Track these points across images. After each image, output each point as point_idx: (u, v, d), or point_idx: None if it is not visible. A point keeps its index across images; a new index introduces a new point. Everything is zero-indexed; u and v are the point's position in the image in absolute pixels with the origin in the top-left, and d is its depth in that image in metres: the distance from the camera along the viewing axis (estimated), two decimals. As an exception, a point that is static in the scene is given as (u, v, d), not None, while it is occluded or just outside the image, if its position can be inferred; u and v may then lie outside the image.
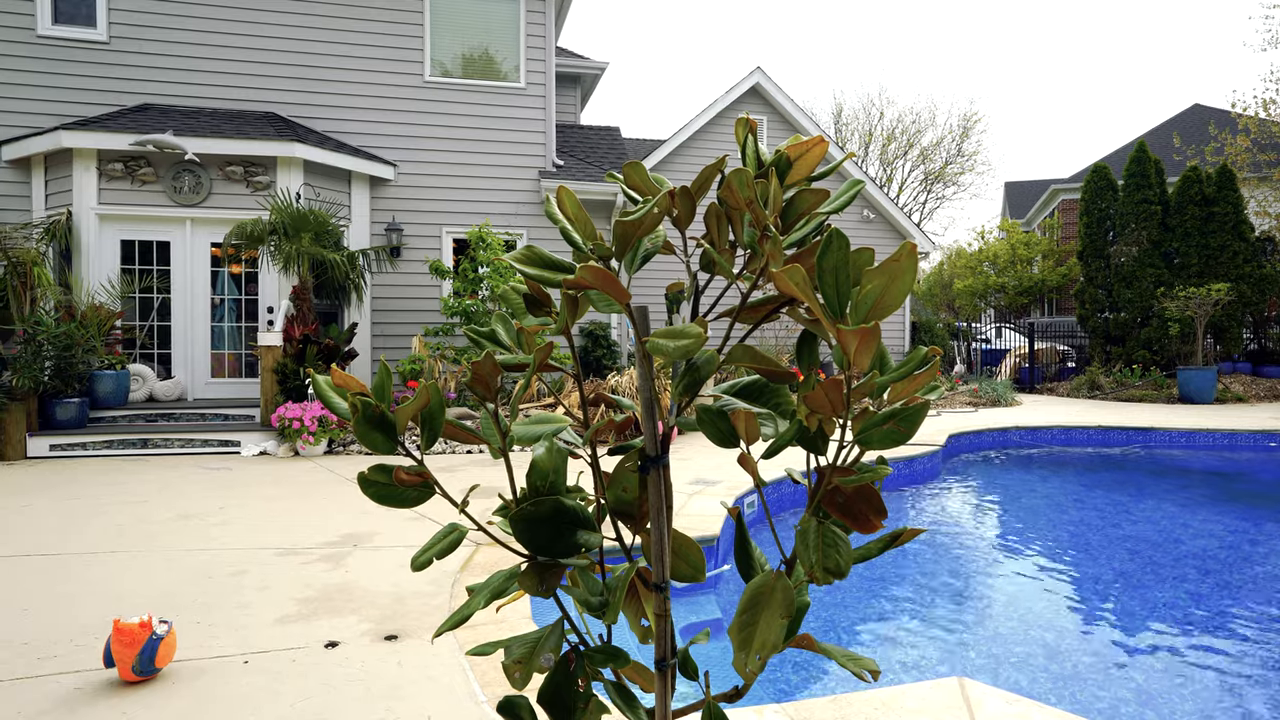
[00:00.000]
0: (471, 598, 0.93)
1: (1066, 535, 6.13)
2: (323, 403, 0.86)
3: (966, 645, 3.83)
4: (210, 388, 10.11)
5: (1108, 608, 4.41)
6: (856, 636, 3.98)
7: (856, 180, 0.92)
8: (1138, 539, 5.84)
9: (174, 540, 4.54)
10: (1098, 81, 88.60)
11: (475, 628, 3.07)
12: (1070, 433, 10.29)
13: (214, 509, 5.43)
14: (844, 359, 0.76)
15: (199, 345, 10.07)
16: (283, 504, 5.63)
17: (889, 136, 36.66)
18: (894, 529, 0.89)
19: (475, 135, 11.69)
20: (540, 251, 0.89)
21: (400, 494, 0.90)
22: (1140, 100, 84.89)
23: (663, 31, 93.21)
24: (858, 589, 4.63)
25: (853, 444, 0.83)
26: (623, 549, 1.00)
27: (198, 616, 3.28)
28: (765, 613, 0.83)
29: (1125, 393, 14.43)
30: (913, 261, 0.74)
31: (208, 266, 10.08)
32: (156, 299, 9.93)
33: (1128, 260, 15.83)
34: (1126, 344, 16.03)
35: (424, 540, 4.40)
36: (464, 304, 9.74)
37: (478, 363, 0.88)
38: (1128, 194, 16.02)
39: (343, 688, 2.62)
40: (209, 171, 9.87)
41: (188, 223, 9.94)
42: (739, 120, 0.94)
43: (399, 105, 11.36)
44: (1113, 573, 5.02)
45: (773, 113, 15.52)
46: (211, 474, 6.97)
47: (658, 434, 0.94)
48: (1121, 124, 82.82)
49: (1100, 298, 16.39)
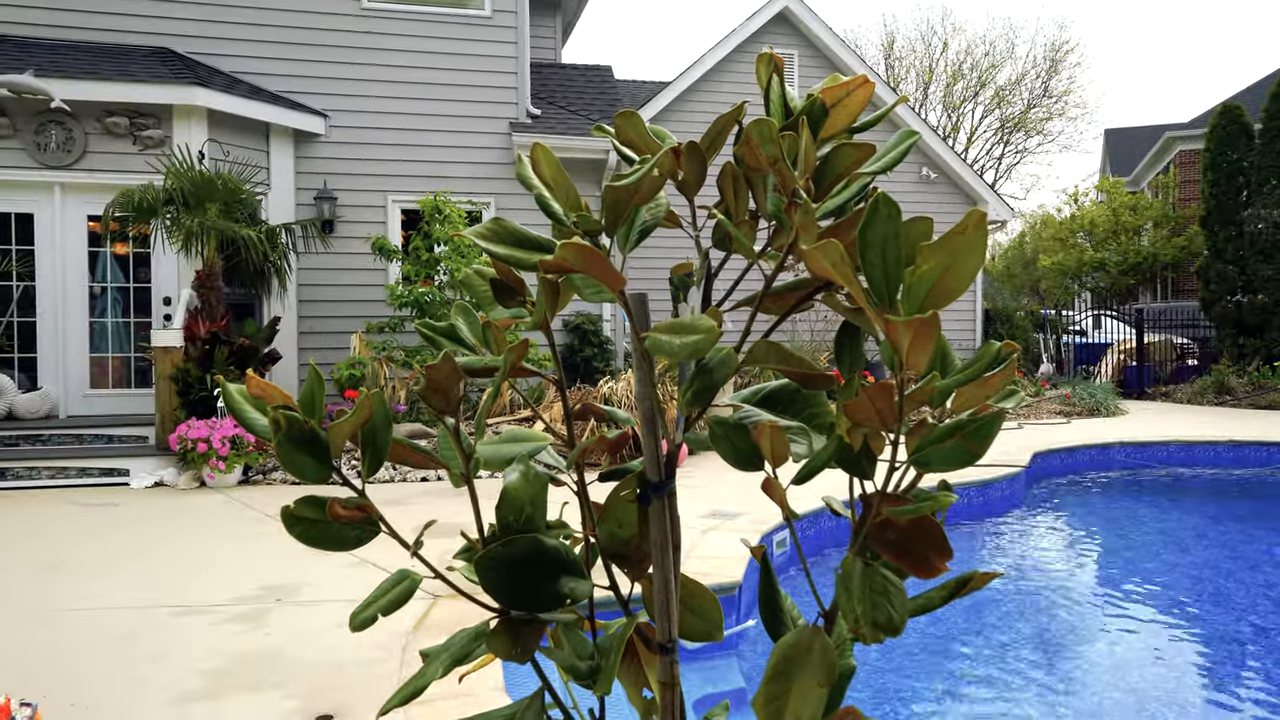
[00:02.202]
0: (427, 665, 0.94)
1: (1189, 582, 6.14)
2: (236, 419, 0.87)
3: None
4: (89, 401, 10.12)
5: (1247, 675, 4.42)
6: (917, 712, 3.99)
7: (910, 130, 0.93)
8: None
9: (41, 598, 4.55)
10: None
11: (433, 702, 3.08)
12: (1192, 450, 10.29)
13: (95, 557, 5.43)
14: (894, 358, 0.77)
15: (74, 347, 10.07)
16: (185, 548, 5.64)
17: (954, 74, 36.71)
18: (962, 573, 0.90)
19: (428, 78, 11.71)
20: (511, 225, 0.90)
21: (335, 533, 0.91)
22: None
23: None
24: (920, 649, 4.63)
25: (907, 465, 0.84)
26: (619, 600, 1.01)
27: (72, 696, 3.28)
28: (799, 680, 0.84)
29: (1264, 398, 14.45)
30: (982, 234, 0.75)
31: (84, 246, 10.08)
32: (16, 287, 9.91)
33: (1267, 227, 15.83)
34: (1266, 335, 16.04)
35: (367, 592, 4.41)
36: (416, 292, 9.76)
37: (433, 366, 0.89)
38: (1267, 142, 16.01)
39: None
40: (84, 124, 9.88)
41: (56, 189, 9.95)
42: (761, 56, 0.95)
43: (330, 39, 11.38)
44: (1251, 629, 5.02)
45: (806, 45, 15.54)
46: (91, 511, 6.98)
47: (661, 454, 0.95)
48: (1258, 52, 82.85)
49: (1230, 276, 16.40)
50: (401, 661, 3.59)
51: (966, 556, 6.61)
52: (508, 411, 10.48)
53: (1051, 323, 19.99)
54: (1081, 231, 23.68)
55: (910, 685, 4.28)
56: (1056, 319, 20.23)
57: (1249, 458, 10.21)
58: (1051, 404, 13.80)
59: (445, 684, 3.18)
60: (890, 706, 4.03)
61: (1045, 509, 8.29)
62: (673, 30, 79.72)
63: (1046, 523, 7.84)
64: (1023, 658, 4.64)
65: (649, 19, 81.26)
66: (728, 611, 4.37)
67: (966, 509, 7.60)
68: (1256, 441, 10.33)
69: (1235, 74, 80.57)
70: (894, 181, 15.46)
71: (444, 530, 1.92)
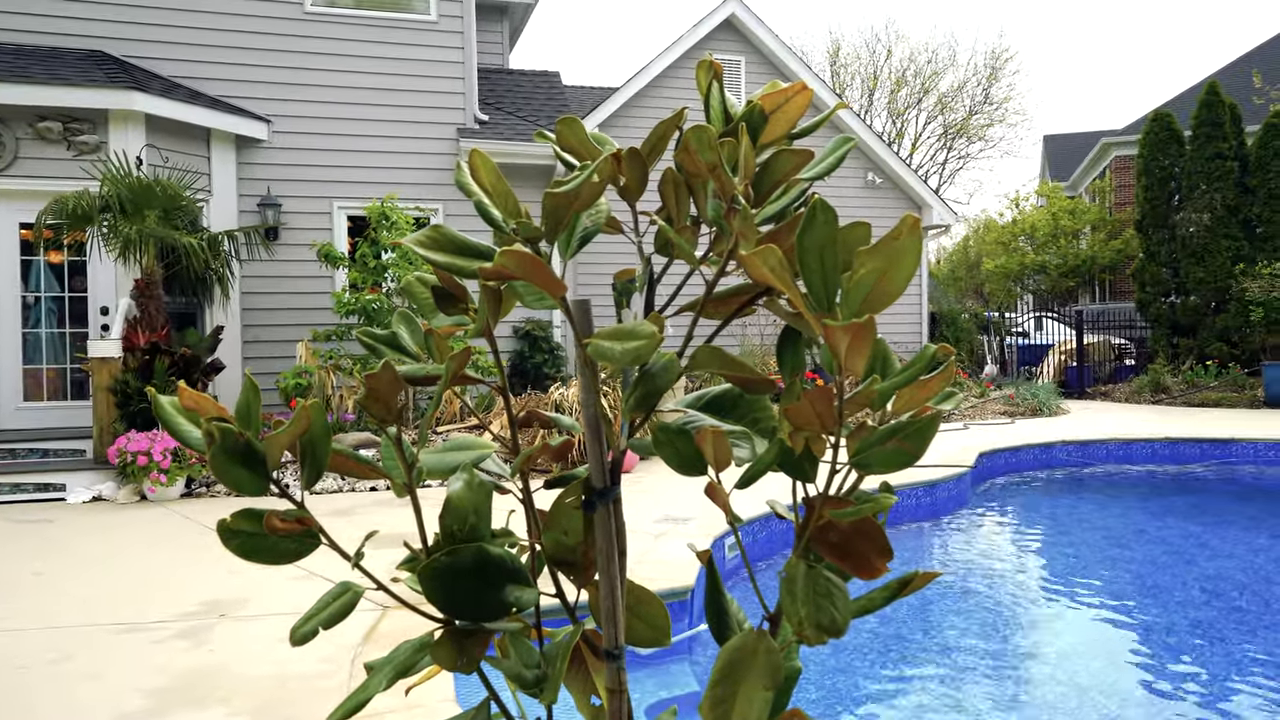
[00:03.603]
0: (370, 678, 0.92)
1: (1129, 577, 6.29)
2: (169, 431, 0.85)
3: (1006, 718, 3.90)
4: (22, 414, 9.84)
5: (1183, 668, 4.54)
6: (867, 711, 4.03)
7: (846, 137, 0.94)
8: (1219, 579, 6.02)
9: (-22, 617, 4.41)
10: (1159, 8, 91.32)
11: (382, 716, 3.04)
12: (1131, 447, 10.56)
13: (27, 574, 5.28)
14: (834, 362, 0.77)
15: (6, 359, 9.80)
16: (125, 565, 5.51)
17: (898, 81, 37.31)
18: (904, 573, 0.91)
19: (374, 83, 11.60)
20: (450, 233, 0.89)
21: (274, 546, 0.89)
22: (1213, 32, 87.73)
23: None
24: (868, 649, 4.69)
25: (849, 468, 0.85)
26: (565, 608, 1.00)
27: (7, 718, 3.19)
28: (744, 684, 0.84)
29: (1198, 396, 14.87)
30: (916, 238, 0.76)
31: (16, 254, 9.82)
32: (-51, 299, 9.64)
33: (1198, 230, 16.28)
34: (1198, 335, 16.51)
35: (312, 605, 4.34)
36: (363, 300, 9.65)
37: (373, 375, 0.88)
38: (1196, 148, 16.49)
39: (207, 803, 2.58)
40: (14, 128, 9.62)
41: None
42: (701, 63, 0.96)
43: (272, 44, 11.22)
44: (1188, 623, 5.16)
45: (753, 52, 15.67)
46: (25, 528, 6.78)
47: (606, 460, 0.95)
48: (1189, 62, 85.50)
49: (1164, 278, 16.86)
50: (350, 674, 3.54)
51: (914, 555, 6.71)
52: (459, 419, 10.41)
53: (995, 325, 20.37)
54: (1023, 235, 24.20)
55: (859, 685, 4.32)
56: (1000, 321, 20.62)
57: (1184, 454, 10.50)
58: (996, 405, 14.06)
59: (393, 697, 3.14)
60: (840, 707, 4.07)
61: (991, 508, 8.44)
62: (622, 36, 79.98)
63: (992, 521, 7.99)
64: (971, 654, 4.71)
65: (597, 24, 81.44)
66: (680, 616, 4.38)
67: (914, 509, 7.71)
68: (1191, 438, 10.64)
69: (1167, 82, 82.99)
70: (840, 187, 15.63)
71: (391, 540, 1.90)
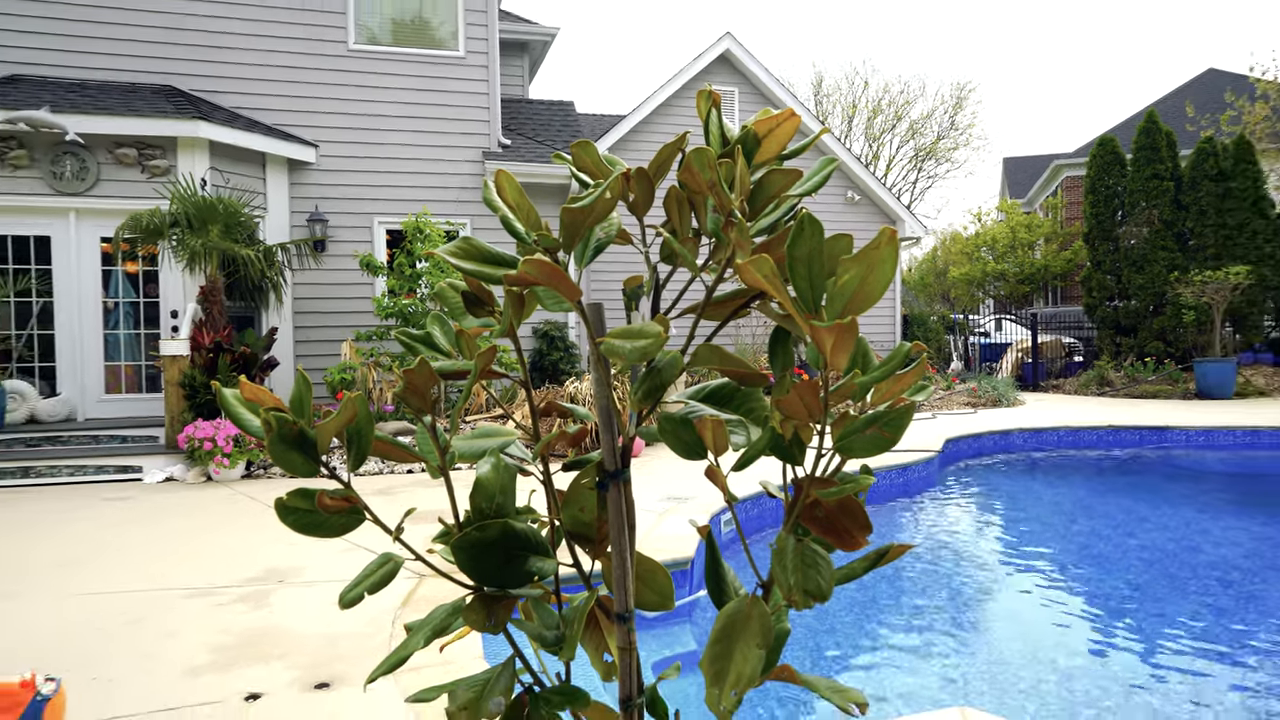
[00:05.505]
0: (409, 637, 0.92)
1: (1076, 547, 6.27)
2: (231, 420, 0.85)
3: (969, 671, 3.90)
4: (104, 405, 9.87)
5: (1122, 626, 4.53)
6: (847, 666, 4.03)
7: (830, 158, 0.94)
8: (1154, 549, 6.00)
9: (63, 584, 4.43)
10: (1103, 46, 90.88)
11: (420, 670, 3.05)
12: (1078, 434, 10.53)
13: (111, 545, 5.30)
14: (819, 358, 0.77)
15: (90, 356, 9.82)
16: (193, 537, 5.52)
17: (874, 109, 37.18)
18: (880, 545, 0.91)
19: (409, 111, 11.60)
20: (478, 244, 0.89)
21: (325, 521, 0.89)
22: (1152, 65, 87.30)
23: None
24: (848, 612, 4.68)
25: (832, 452, 0.85)
26: (581, 576, 1.00)
27: (92, 671, 3.20)
28: (740, 643, 0.84)
29: (1138, 388, 14.81)
30: (893, 249, 0.76)
31: (98, 265, 9.83)
32: (37, 303, 9.65)
33: (1138, 242, 16.24)
34: (1138, 335, 16.45)
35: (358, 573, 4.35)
36: (400, 304, 9.65)
37: (410, 371, 0.88)
38: (1137, 169, 16.43)
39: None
40: (96, 154, 9.64)
41: (72, 214, 9.69)
42: (700, 93, 0.95)
43: (320, 78, 11.22)
44: (1127, 586, 5.15)
45: (745, 83, 15.63)
46: (107, 505, 6.80)
47: (616, 446, 0.94)
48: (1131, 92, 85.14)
49: (1109, 284, 16.80)
50: (391, 634, 3.55)
51: (890, 530, 6.69)
52: (486, 410, 10.41)
53: (960, 326, 20.32)
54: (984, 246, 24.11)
55: (840, 643, 4.32)
56: (964, 322, 20.57)
57: (1125, 440, 10.48)
58: (961, 397, 14.02)
59: (431, 654, 3.15)
60: (824, 664, 4.06)
61: (956, 487, 8.41)
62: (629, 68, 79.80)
63: (958, 499, 7.97)
64: (938, 617, 4.70)
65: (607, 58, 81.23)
66: (681, 583, 4.38)
67: (889, 489, 7.70)
68: (1131, 426, 10.61)
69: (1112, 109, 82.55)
70: (822, 203, 15.58)
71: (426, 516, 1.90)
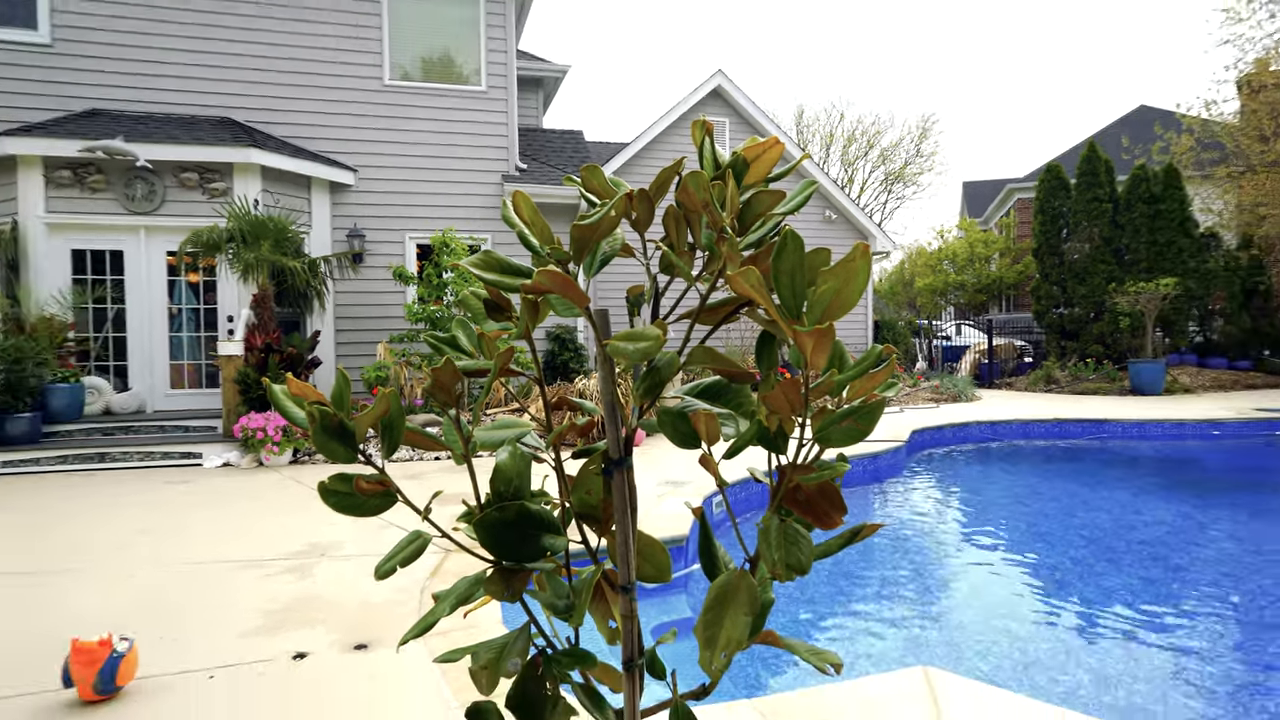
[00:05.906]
0: (436, 604, 0.92)
1: (1025, 526, 6.26)
2: (280, 412, 0.85)
3: (931, 636, 3.89)
4: (170, 399, 9.87)
5: (1065, 595, 4.52)
6: (824, 631, 4.02)
7: (810, 181, 0.93)
8: (1093, 527, 5.99)
9: (133, 555, 4.43)
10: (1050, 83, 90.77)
11: (447, 634, 3.04)
12: (1028, 426, 10.52)
13: (175, 523, 5.30)
14: (801, 359, 0.77)
15: (157, 356, 9.83)
16: (246, 516, 5.52)
17: (849, 138, 37.10)
18: (854, 525, 0.90)
19: (437, 139, 11.58)
20: (497, 256, 0.88)
21: (361, 503, 0.89)
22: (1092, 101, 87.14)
23: (625, 34, 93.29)
24: (825, 584, 4.67)
25: (812, 442, 0.84)
26: (588, 552, 1.00)
27: (160, 632, 3.20)
28: (730, 610, 0.83)
29: (1080, 386, 14.80)
30: (866, 262, 0.75)
31: (164, 275, 9.83)
32: (111, 309, 9.66)
33: (1081, 257, 16.25)
34: (1080, 338, 16.44)
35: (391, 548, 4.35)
36: (429, 310, 9.64)
37: (438, 369, 0.87)
38: (1079, 192, 16.44)
39: (313, 699, 2.57)
40: (163, 178, 9.64)
41: (141, 231, 9.69)
42: (695, 122, 0.95)
43: (359, 109, 11.21)
44: (1070, 560, 5.14)
45: (734, 115, 15.61)
46: (172, 487, 6.81)
47: (620, 436, 0.94)
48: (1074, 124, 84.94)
49: (1055, 294, 16.79)
50: (420, 602, 3.54)
51: (864, 512, 6.69)
52: (504, 404, 10.40)
53: (925, 330, 20.32)
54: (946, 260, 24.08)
55: (818, 612, 4.31)
56: (929, 327, 20.57)
57: (1070, 431, 10.46)
58: (925, 393, 14.00)
59: (456, 619, 3.14)
60: (803, 629, 4.05)
61: (921, 473, 8.40)
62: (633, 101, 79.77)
63: (922, 483, 7.96)
64: (904, 588, 4.70)
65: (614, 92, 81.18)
66: (677, 558, 4.37)
67: (861, 475, 7.69)
68: (1074, 419, 10.59)
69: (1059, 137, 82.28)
70: (803, 221, 15.56)
71: (451, 498, 1.90)
